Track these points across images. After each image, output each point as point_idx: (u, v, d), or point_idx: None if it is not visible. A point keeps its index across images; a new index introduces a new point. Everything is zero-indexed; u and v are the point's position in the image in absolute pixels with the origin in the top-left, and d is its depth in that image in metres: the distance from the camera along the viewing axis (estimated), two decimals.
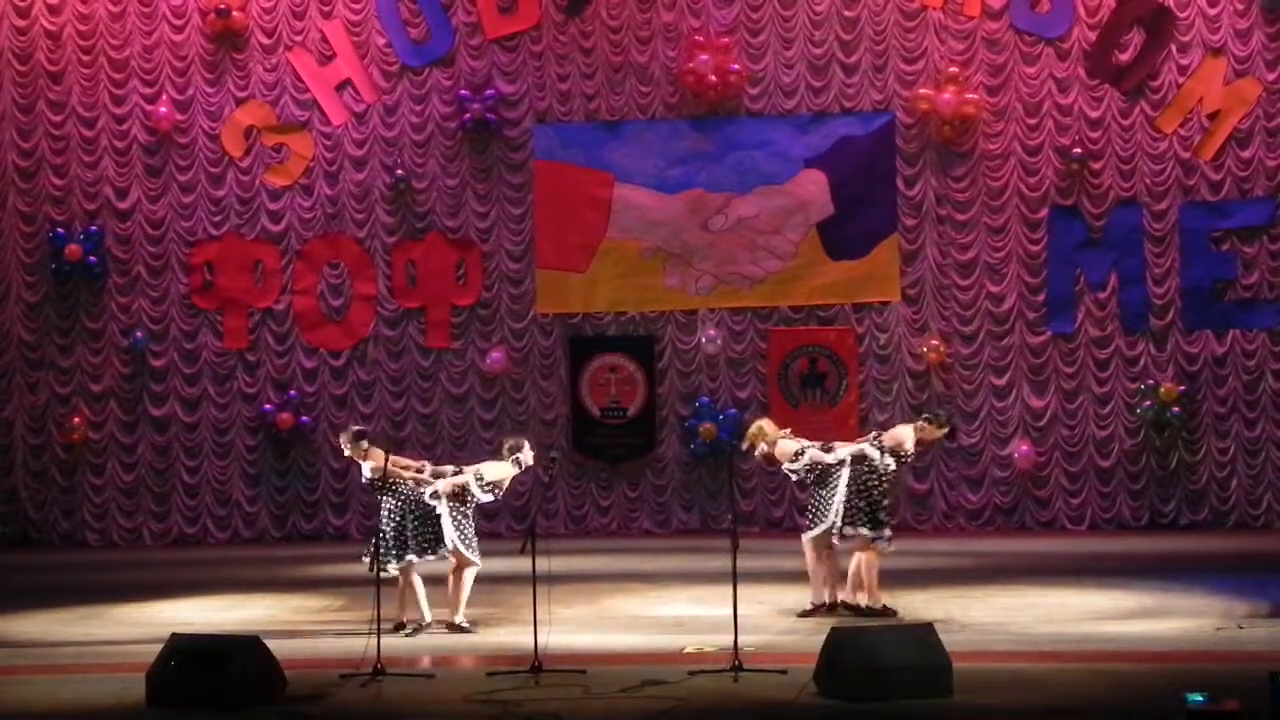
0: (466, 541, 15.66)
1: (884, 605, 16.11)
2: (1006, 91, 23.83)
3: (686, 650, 14.43)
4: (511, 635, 15.10)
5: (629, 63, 24.22)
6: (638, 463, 24.19)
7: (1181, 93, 23.57)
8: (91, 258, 24.23)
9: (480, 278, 24.31)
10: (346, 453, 16.23)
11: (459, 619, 15.69)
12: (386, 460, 15.44)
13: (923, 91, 23.72)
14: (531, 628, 13.67)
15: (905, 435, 16.51)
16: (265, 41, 24.40)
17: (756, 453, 16.57)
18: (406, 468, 16.04)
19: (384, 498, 15.73)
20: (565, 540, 22.18)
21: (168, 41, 24.46)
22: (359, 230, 24.39)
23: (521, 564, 14.14)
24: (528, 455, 15.95)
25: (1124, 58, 23.68)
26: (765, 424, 16.54)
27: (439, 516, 15.62)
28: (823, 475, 16.11)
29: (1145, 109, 23.66)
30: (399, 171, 24.18)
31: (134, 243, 24.49)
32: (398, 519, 15.66)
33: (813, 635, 14.04)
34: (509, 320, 24.30)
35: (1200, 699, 10.86)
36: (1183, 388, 23.32)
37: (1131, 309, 23.65)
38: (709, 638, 14.67)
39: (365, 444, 15.94)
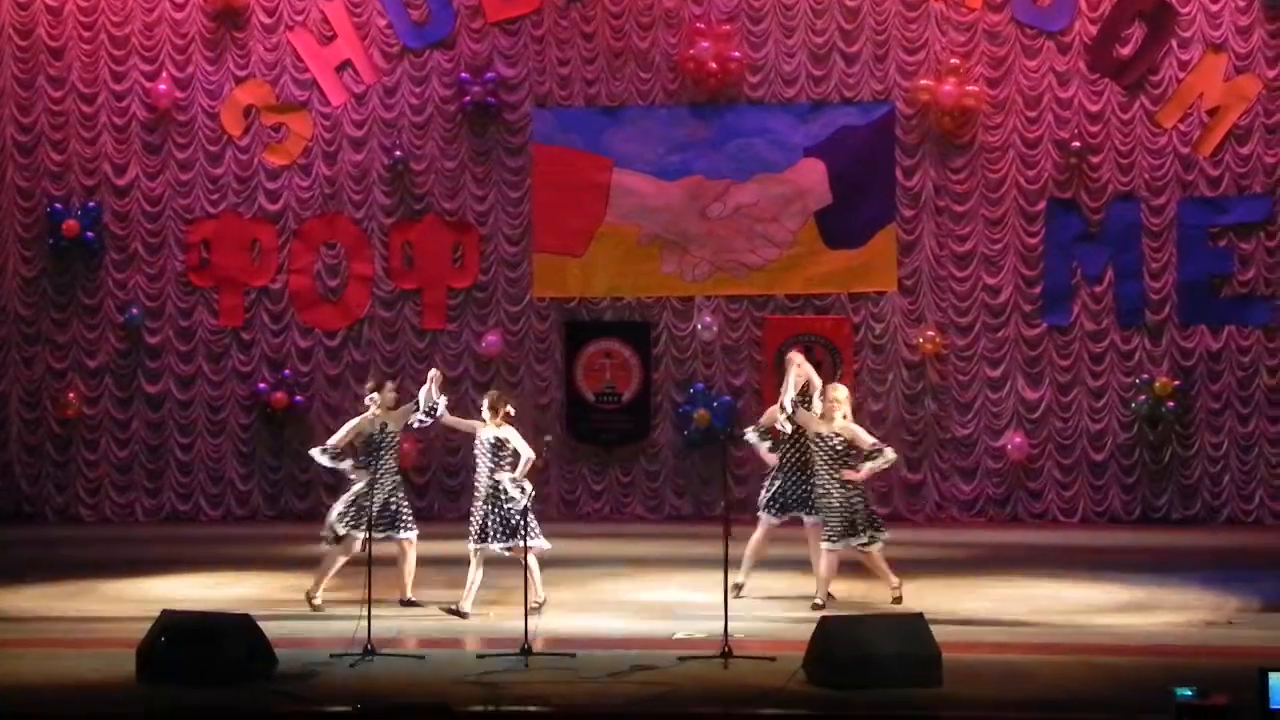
0: None
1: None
2: (1007, 84, 23.82)
3: (676, 636, 14.47)
4: (502, 618, 15.12)
5: (630, 48, 24.20)
6: (631, 448, 24.21)
7: (1181, 88, 23.56)
8: (89, 234, 24.22)
9: (477, 260, 24.31)
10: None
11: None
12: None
13: (923, 83, 23.71)
14: (522, 611, 13.72)
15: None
16: (266, 21, 24.38)
17: None
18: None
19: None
20: (557, 524, 22.18)
21: (168, 19, 24.43)
22: (356, 211, 24.38)
23: None
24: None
25: (1125, 52, 23.67)
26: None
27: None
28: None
29: (1145, 104, 23.66)
30: (397, 153, 24.16)
31: (131, 219, 24.48)
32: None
33: (803, 624, 14.07)
34: (505, 303, 24.30)
35: (1189, 693, 10.89)
36: (1177, 382, 23.33)
37: (1128, 303, 23.66)
38: (699, 624, 14.71)
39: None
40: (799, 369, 16.43)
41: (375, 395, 16.48)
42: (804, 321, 23.98)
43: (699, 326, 24.02)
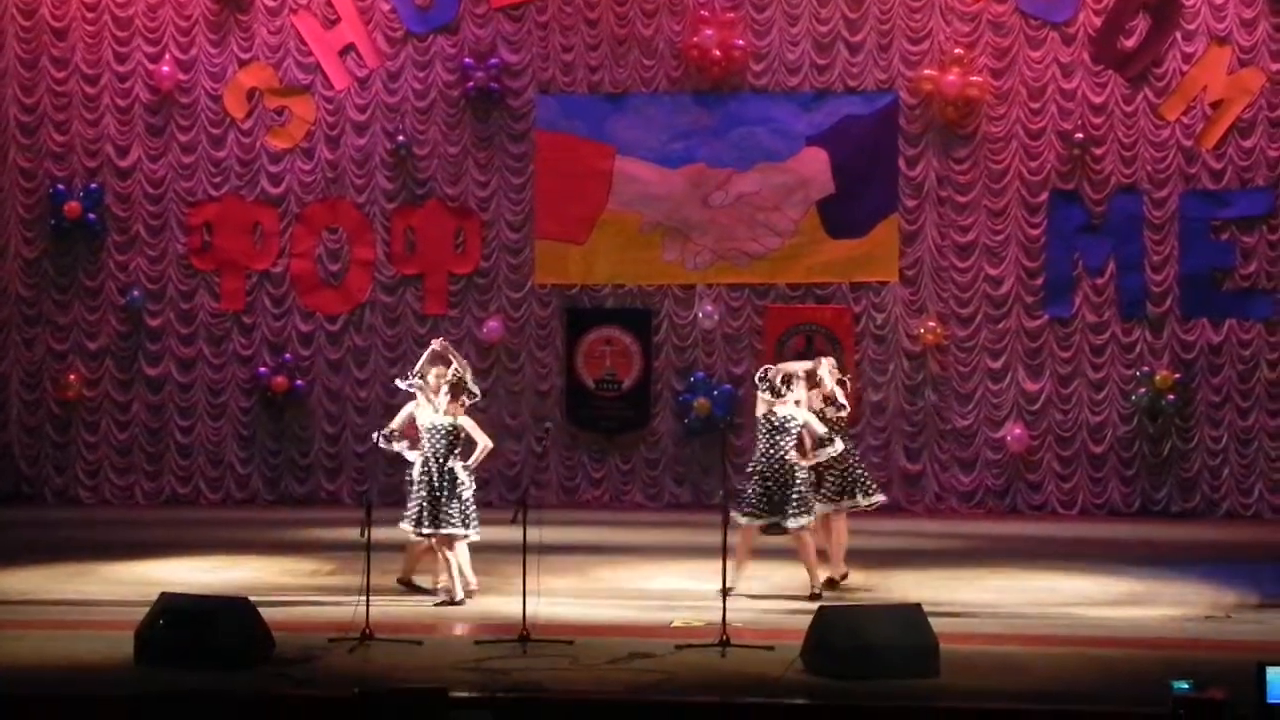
0: None
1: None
2: (1010, 75, 23.80)
3: (674, 624, 14.47)
4: (500, 604, 15.12)
5: (633, 35, 24.17)
6: (631, 436, 24.20)
7: (1185, 81, 23.53)
8: (91, 215, 24.21)
9: (479, 246, 24.30)
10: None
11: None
12: None
13: (927, 72, 23.68)
14: (520, 597, 13.72)
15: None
16: (270, 3, 24.34)
17: None
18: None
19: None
20: (556, 511, 22.15)
21: (172, 1, 24.40)
22: (359, 195, 24.36)
23: (512, 534, 14.19)
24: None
25: (1129, 44, 23.64)
26: None
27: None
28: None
29: (1148, 96, 23.64)
30: (400, 138, 24.14)
31: (133, 201, 24.47)
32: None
33: (801, 613, 14.08)
34: (506, 290, 24.29)
35: (1186, 686, 10.90)
36: (1178, 375, 23.32)
37: (1129, 295, 23.64)
38: (697, 612, 14.71)
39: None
40: (825, 377, 16.47)
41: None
42: (805, 311, 23.98)
43: (700, 315, 24.02)
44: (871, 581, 16.71)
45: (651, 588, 16.77)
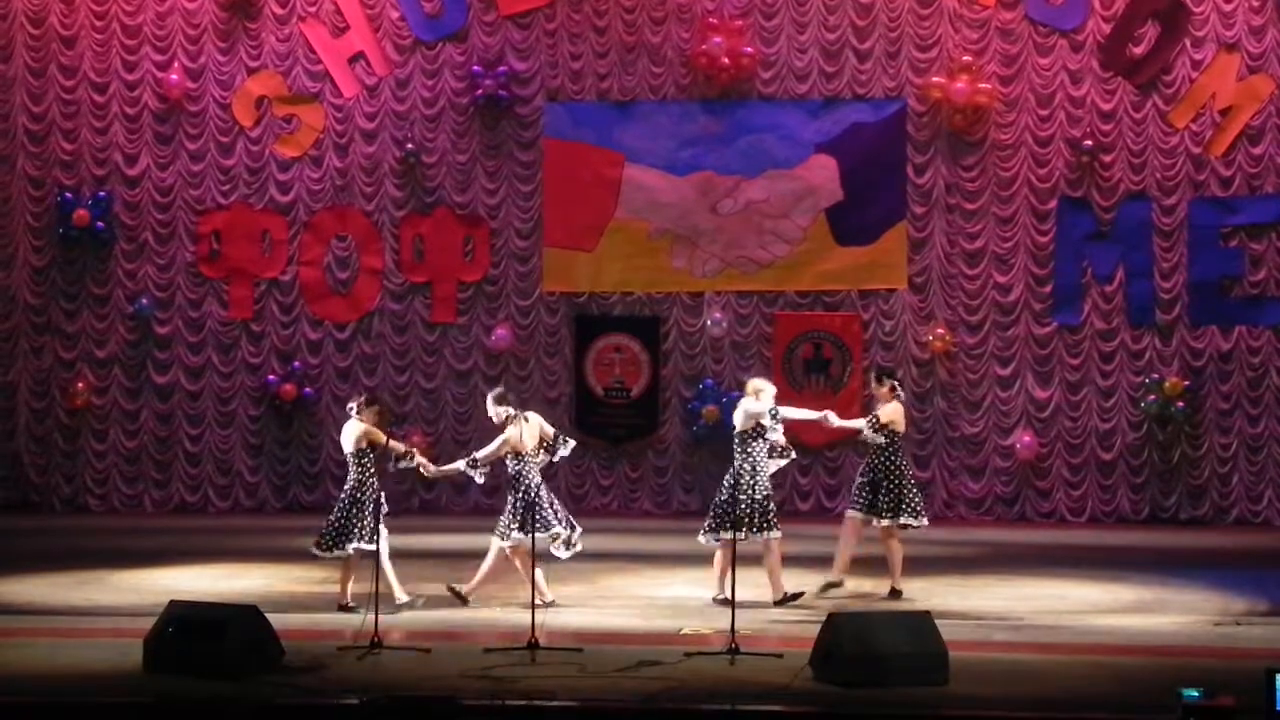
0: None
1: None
2: (1019, 82, 23.79)
3: (683, 632, 14.46)
4: (509, 612, 15.13)
5: (642, 43, 24.19)
6: (640, 443, 24.20)
7: (1194, 88, 23.52)
8: (99, 223, 24.24)
9: (487, 254, 24.31)
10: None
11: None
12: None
13: (935, 80, 23.68)
14: (529, 605, 13.72)
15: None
16: (279, 11, 24.38)
17: None
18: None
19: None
20: None
21: (181, 9, 24.43)
22: (367, 203, 24.38)
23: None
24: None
25: (1138, 51, 23.63)
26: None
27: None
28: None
29: (1157, 103, 23.63)
30: (409, 146, 24.16)
31: (142, 210, 24.50)
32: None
33: (810, 621, 14.07)
34: (515, 297, 24.30)
35: (1196, 694, 10.88)
36: (1187, 383, 23.29)
37: (1138, 302, 23.63)
38: (706, 620, 14.70)
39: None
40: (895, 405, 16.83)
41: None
42: (814, 318, 23.98)
43: (709, 322, 24.01)
44: (882, 588, 16.68)
45: (660, 595, 16.77)
